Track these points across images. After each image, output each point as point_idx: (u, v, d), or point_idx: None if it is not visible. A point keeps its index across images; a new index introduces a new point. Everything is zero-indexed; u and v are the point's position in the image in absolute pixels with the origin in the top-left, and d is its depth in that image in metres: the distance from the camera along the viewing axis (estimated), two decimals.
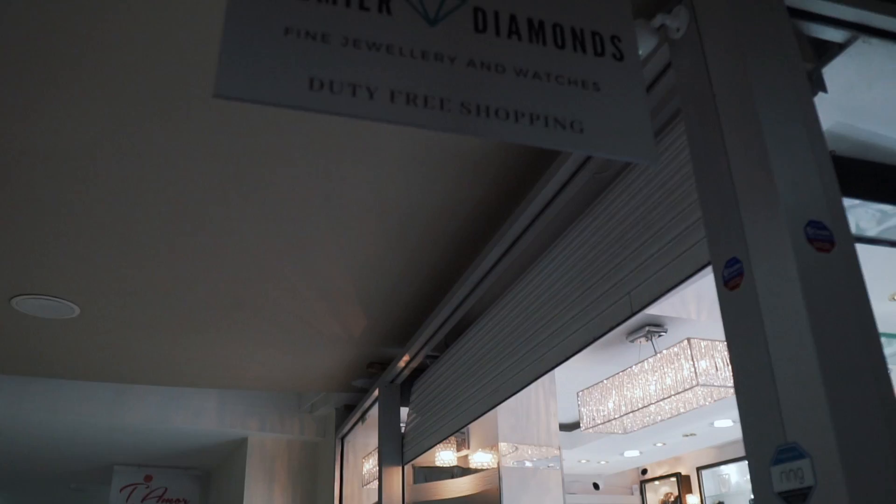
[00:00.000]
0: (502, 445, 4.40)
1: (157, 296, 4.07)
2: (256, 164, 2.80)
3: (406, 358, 4.65)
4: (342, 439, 6.60)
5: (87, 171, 2.82)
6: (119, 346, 4.89)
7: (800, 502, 1.52)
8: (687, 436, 6.68)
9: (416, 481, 4.92)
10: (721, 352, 3.82)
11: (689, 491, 8.58)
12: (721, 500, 8.18)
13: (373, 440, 5.61)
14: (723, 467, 8.18)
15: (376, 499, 5.11)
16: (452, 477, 4.73)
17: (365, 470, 5.82)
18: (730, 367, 1.54)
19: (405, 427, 5.05)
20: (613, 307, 2.49)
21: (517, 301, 3.36)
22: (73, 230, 3.28)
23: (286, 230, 3.33)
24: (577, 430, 6.69)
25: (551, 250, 3.01)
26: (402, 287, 4.09)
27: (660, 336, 4.38)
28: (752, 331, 1.68)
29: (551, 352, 2.94)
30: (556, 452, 4.58)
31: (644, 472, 9.12)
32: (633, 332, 4.44)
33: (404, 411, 5.14)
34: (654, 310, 3.62)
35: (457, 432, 4.39)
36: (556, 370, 4.87)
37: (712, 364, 3.82)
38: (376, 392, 5.29)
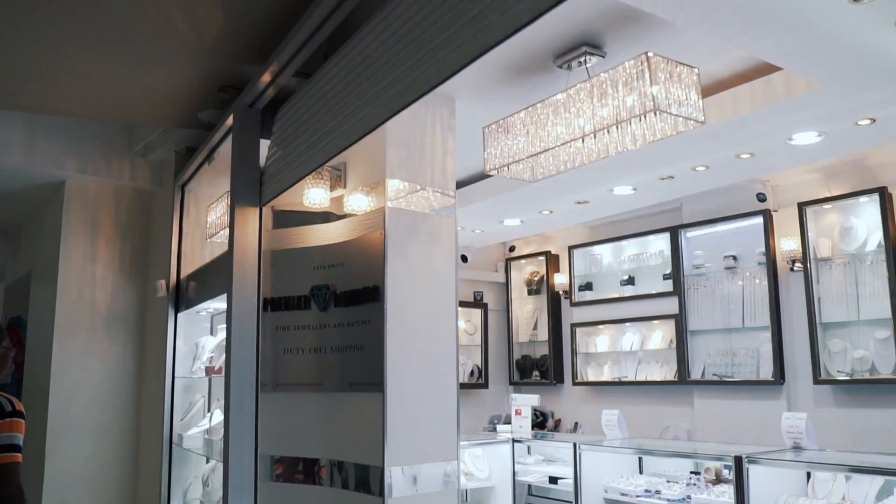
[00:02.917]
0: (390, 184, 3.56)
1: None
2: None
3: (273, 68, 3.62)
4: (182, 187, 5.57)
5: None
6: None
7: None
8: (580, 203, 6.10)
9: (276, 226, 4.05)
10: (689, 80, 3.07)
11: (557, 270, 8.27)
12: (590, 280, 7.91)
13: (220, 188, 4.63)
14: (595, 247, 7.85)
15: (224, 250, 4.24)
16: (325, 222, 3.88)
17: (210, 220, 4.87)
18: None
19: (265, 163, 4.10)
20: None
21: None
22: None
23: None
24: (461, 189, 5.97)
25: None
26: None
27: (595, 59, 3.57)
28: None
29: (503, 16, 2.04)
30: (452, 199, 3.81)
31: (512, 249, 8.71)
32: (562, 55, 3.59)
33: (264, 147, 4.17)
34: None
35: (332, 160, 3.50)
36: (459, 108, 4.04)
37: (669, 92, 3.06)
38: (229, 121, 4.26)
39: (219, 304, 4.75)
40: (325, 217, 3.91)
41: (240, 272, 3.99)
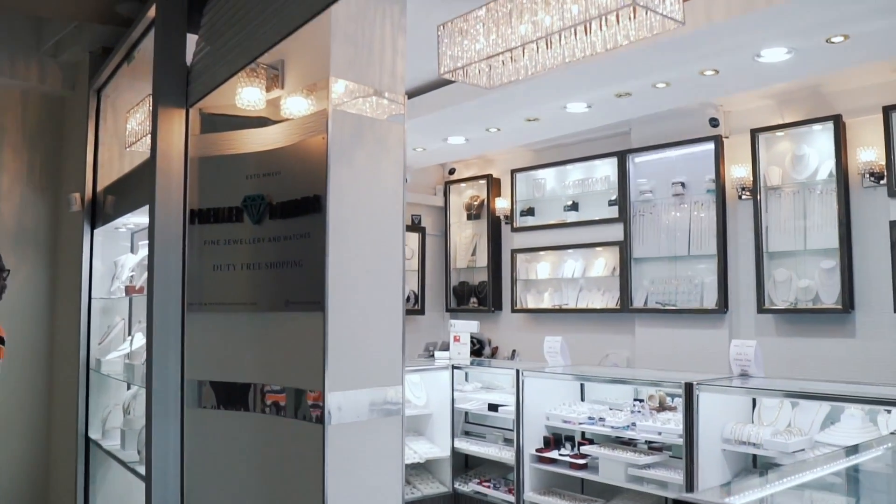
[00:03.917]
0: (335, 84, 3.20)
1: None
2: None
3: None
4: (98, 92, 5.07)
5: None
6: None
7: None
8: (530, 120, 5.81)
9: (204, 131, 3.65)
10: None
11: (499, 194, 8.03)
12: (532, 205, 7.70)
13: (141, 92, 4.18)
14: (539, 171, 7.62)
15: (145, 159, 3.84)
16: (260, 126, 3.50)
17: (130, 128, 4.42)
18: None
19: (192, 60, 3.68)
20: None
21: None
22: None
23: None
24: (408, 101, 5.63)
25: None
26: None
27: None
28: None
29: None
30: (402, 105, 3.48)
31: (452, 171, 8.41)
32: None
33: (191, 44, 3.74)
34: None
35: (269, 58, 3.12)
36: (410, 5, 3.67)
37: None
38: (151, 12, 3.81)
39: (140, 218, 4.35)
40: (260, 121, 3.53)
41: (163, 181, 3.61)
